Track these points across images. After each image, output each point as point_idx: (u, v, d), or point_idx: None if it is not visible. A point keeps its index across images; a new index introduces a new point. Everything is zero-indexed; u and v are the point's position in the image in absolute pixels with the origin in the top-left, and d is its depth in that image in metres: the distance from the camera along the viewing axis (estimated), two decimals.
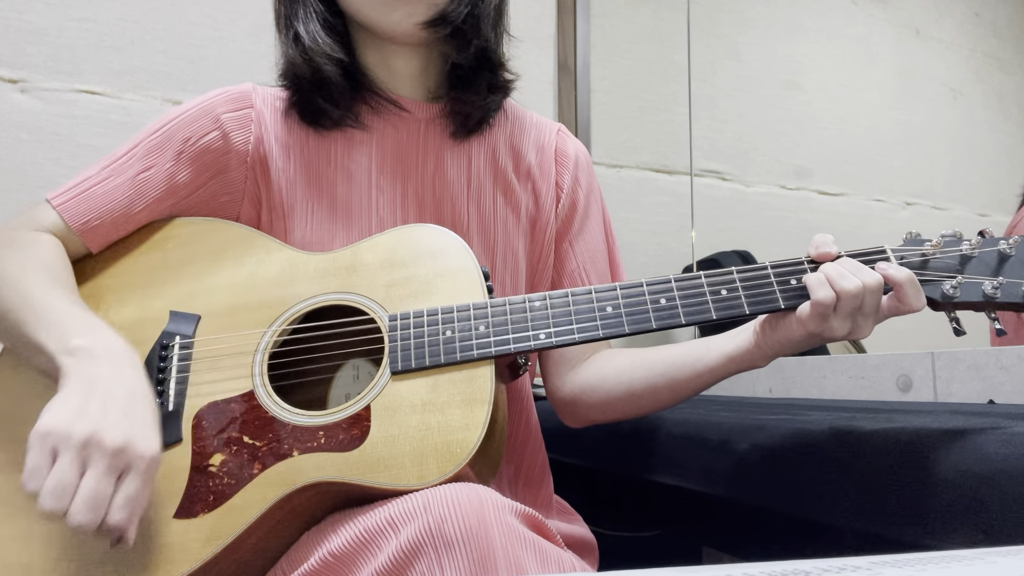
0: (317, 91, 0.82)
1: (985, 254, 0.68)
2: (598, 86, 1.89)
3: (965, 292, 0.67)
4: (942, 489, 0.60)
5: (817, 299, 0.65)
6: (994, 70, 2.22)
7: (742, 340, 0.75)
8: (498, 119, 0.90)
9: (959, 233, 0.70)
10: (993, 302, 0.67)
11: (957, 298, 0.67)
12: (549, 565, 0.55)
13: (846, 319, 0.66)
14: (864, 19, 2.21)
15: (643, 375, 0.82)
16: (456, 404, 0.66)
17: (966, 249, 0.68)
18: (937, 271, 0.69)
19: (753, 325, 0.74)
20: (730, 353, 0.75)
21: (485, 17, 0.83)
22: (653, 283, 0.71)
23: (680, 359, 0.79)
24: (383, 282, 0.74)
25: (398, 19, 0.79)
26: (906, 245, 0.71)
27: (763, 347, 0.72)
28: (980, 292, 0.67)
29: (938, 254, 0.69)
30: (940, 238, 0.70)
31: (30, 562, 0.66)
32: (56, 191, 0.79)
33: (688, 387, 0.79)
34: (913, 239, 0.71)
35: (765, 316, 0.72)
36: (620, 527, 1.15)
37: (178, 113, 0.82)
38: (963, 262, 0.68)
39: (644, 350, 0.85)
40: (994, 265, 0.67)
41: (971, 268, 0.68)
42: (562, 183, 0.92)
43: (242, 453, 0.67)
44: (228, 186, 0.83)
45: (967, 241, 0.69)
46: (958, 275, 0.68)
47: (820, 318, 0.66)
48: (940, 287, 0.68)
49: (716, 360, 0.76)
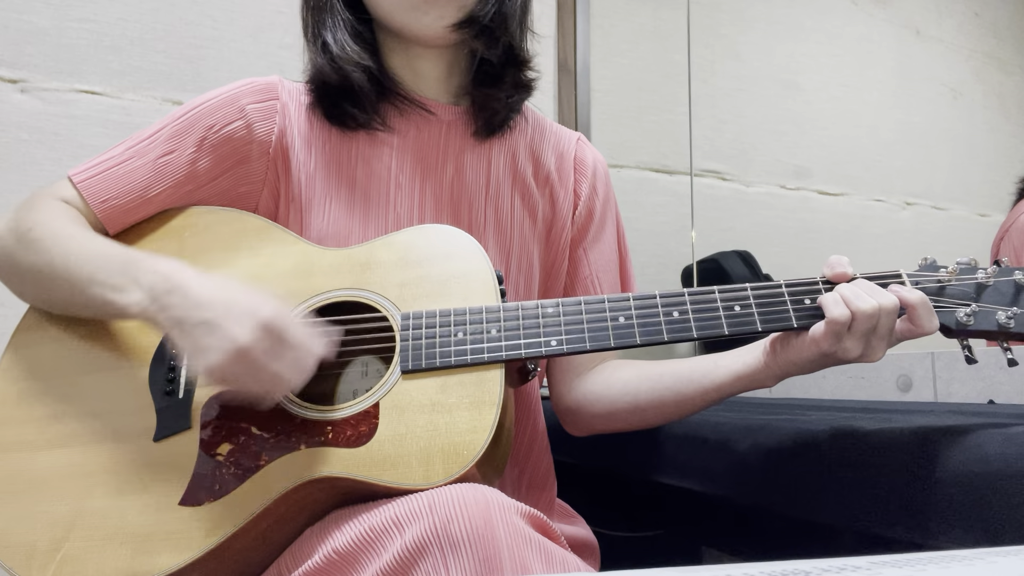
0: (344, 97, 0.83)
1: (1001, 283, 0.68)
2: (598, 86, 1.89)
3: (979, 321, 0.67)
4: (942, 489, 0.60)
5: (832, 317, 0.65)
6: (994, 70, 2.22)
7: (751, 359, 0.74)
8: (519, 124, 0.91)
9: (975, 261, 0.70)
10: (1007, 332, 0.67)
11: (971, 326, 0.67)
12: (554, 566, 0.55)
13: (859, 340, 0.66)
14: (864, 19, 2.21)
15: (649, 388, 0.82)
16: (465, 406, 0.66)
17: (981, 277, 0.68)
18: (952, 298, 0.69)
19: (763, 344, 0.74)
20: (739, 371, 0.75)
21: (512, 15, 0.84)
22: (667, 296, 0.71)
23: (687, 374, 0.79)
24: (397, 280, 0.74)
25: (429, 22, 0.80)
26: (921, 271, 0.71)
27: (772, 367, 0.72)
28: (994, 321, 0.67)
29: (953, 281, 0.69)
30: (956, 265, 0.70)
31: (35, 542, 0.66)
32: (77, 168, 0.80)
33: (694, 403, 0.79)
34: (928, 265, 0.71)
35: (776, 335, 0.72)
36: (620, 527, 1.15)
37: (204, 100, 0.83)
38: (978, 290, 0.68)
39: (651, 363, 0.85)
40: (1010, 295, 0.67)
41: (986, 297, 0.68)
42: (580, 191, 0.92)
43: (249, 444, 0.68)
44: (248, 176, 0.83)
45: (983, 269, 0.69)
46: (973, 303, 0.68)
47: (834, 337, 0.66)
48: (954, 314, 0.68)
49: (724, 377, 0.76)
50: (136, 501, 0.67)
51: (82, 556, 0.65)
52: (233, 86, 0.84)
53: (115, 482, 0.68)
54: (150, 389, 0.72)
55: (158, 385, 0.72)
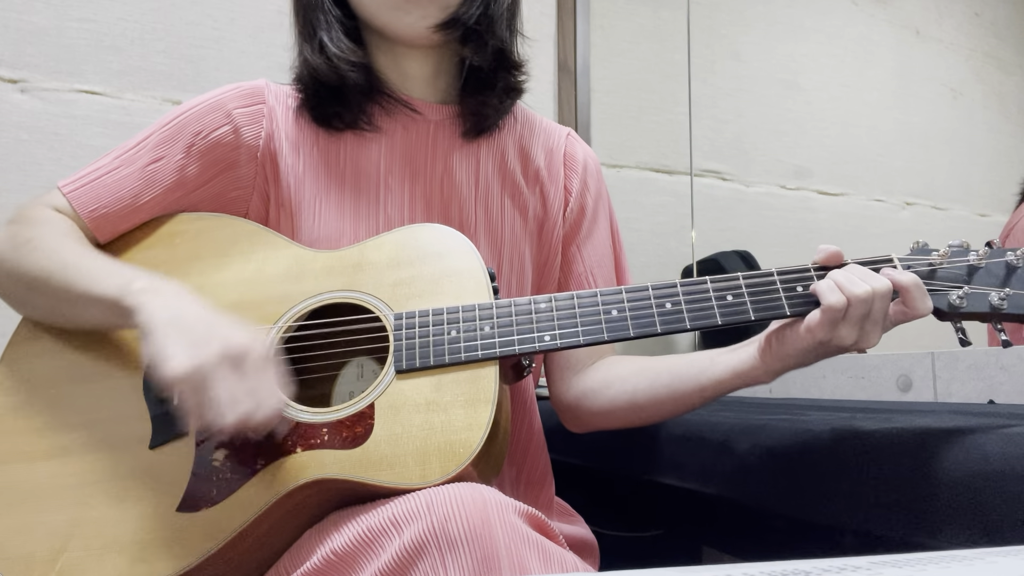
0: (335, 96, 0.83)
1: (992, 265, 0.68)
2: (598, 86, 1.89)
3: (972, 302, 0.67)
4: (942, 489, 0.60)
5: (828, 304, 0.65)
6: (994, 70, 2.22)
7: (746, 355, 0.74)
8: (508, 122, 0.91)
9: (966, 243, 0.70)
10: (999, 313, 0.67)
11: (964, 308, 0.67)
12: (552, 565, 0.55)
13: (854, 326, 0.65)
14: (864, 19, 2.21)
15: (647, 385, 0.82)
16: (460, 404, 0.66)
17: (973, 259, 0.68)
18: (944, 281, 0.69)
19: (758, 340, 0.74)
20: (735, 367, 0.75)
21: (499, 18, 0.84)
22: (659, 287, 0.71)
23: (684, 371, 0.79)
24: (389, 281, 0.74)
25: (411, 21, 0.80)
26: (913, 254, 0.71)
27: (768, 361, 0.72)
28: (987, 303, 0.67)
29: (945, 264, 0.69)
30: (947, 248, 0.70)
31: (33, 552, 0.66)
32: (67, 179, 0.80)
33: (691, 400, 0.79)
34: (920, 248, 0.71)
35: (771, 330, 0.72)
36: (620, 527, 1.15)
37: (190, 106, 0.83)
38: (970, 272, 0.68)
39: (648, 359, 0.85)
40: (1001, 276, 0.67)
41: (978, 278, 0.68)
42: (570, 187, 0.92)
43: (245, 448, 0.67)
44: (238, 181, 0.83)
45: (974, 251, 0.69)
46: (965, 285, 0.68)
47: (830, 324, 0.66)
48: (947, 297, 0.68)
49: (721, 374, 0.76)
50: (133, 509, 0.67)
51: (80, 565, 0.65)
52: (219, 91, 0.84)
53: (112, 491, 0.68)
54: (144, 397, 0.71)
55: (152, 393, 0.71)
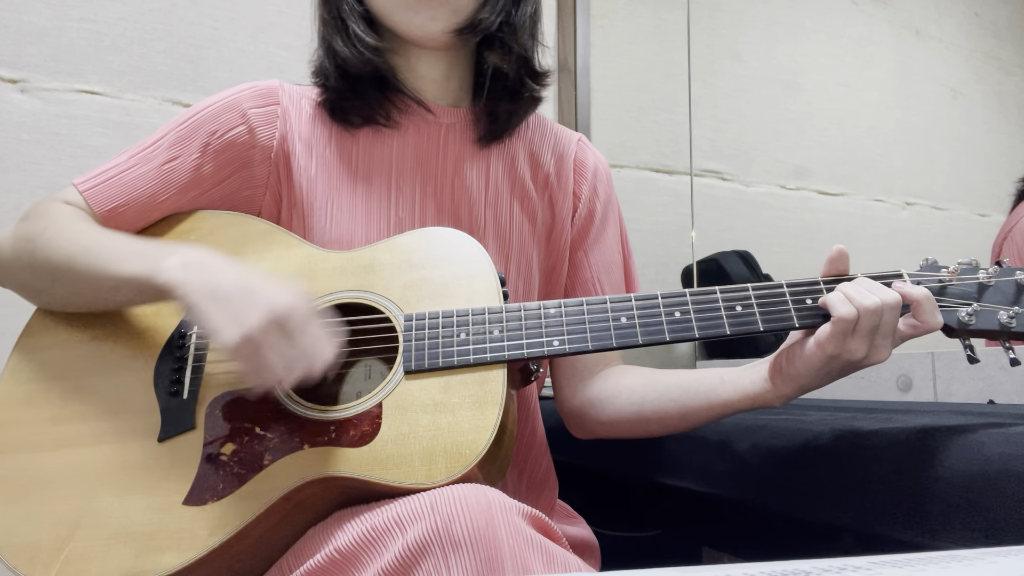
0: (358, 88, 0.83)
1: (1002, 283, 0.68)
2: (598, 86, 1.89)
3: (981, 320, 0.67)
4: (942, 489, 0.60)
5: (839, 315, 0.65)
6: (994, 70, 2.22)
7: (757, 377, 0.74)
8: (519, 127, 0.91)
9: (976, 261, 0.70)
10: (1008, 331, 0.67)
11: (973, 325, 0.67)
12: (555, 567, 0.55)
13: (864, 339, 0.65)
14: (864, 19, 2.21)
15: (655, 399, 0.82)
16: (467, 406, 0.66)
17: (983, 277, 0.69)
18: (953, 298, 0.69)
19: (768, 361, 0.74)
20: (745, 389, 0.75)
21: (522, 26, 0.85)
22: (668, 296, 0.72)
23: (693, 387, 0.79)
24: (400, 282, 0.74)
25: (420, 22, 0.81)
26: (923, 271, 0.71)
27: (779, 385, 0.72)
28: (996, 321, 0.67)
29: (955, 281, 0.69)
30: (957, 265, 0.70)
31: (39, 541, 0.66)
32: (83, 176, 0.80)
33: (699, 417, 0.79)
34: (930, 265, 0.72)
35: (781, 350, 0.73)
36: (620, 527, 1.15)
37: (206, 105, 0.83)
38: (980, 290, 0.69)
39: (656, 372, 0.86)
40: (1011, 294, 0.68)
41: (988, 296, 0.68)
42: (580, 193, 0.92)
43: (253, 444, 0.68)
44: (251, 181, 0.84)
45: (984, 269, 0.69)
46: (974, 302, 0.68)
47: (840, 337, 0.65)
48: (956, 314, 0.68)
49: (730, 394, 0.76)
50: (140, 501, 0.67)
51: (86, 555, 0.65)
52: (234, 90, 0.84)
53: (120, 482, 0.68)
54: (155, 390, 0.72)
55: (163, 386, 0.72)
